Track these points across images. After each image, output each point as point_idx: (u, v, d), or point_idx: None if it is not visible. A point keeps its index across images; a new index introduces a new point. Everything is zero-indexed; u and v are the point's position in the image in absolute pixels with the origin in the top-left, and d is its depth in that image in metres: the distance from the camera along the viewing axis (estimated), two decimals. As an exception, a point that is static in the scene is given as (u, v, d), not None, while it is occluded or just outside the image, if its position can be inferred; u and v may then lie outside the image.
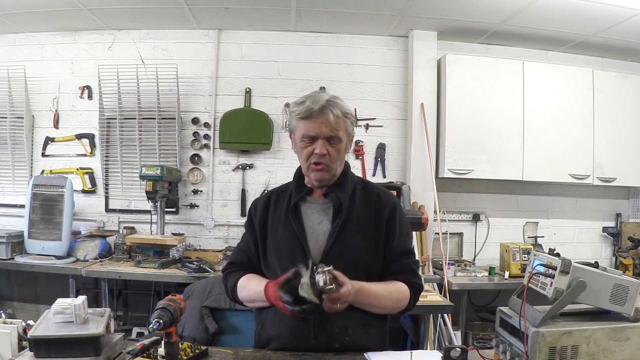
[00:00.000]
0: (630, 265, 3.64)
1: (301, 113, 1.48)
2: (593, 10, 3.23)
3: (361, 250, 1.51)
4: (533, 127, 3.66)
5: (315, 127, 1.47)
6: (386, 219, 1.55)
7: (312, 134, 1.48)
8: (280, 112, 3.89)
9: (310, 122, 1.47)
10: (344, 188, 1.56)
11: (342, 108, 1.51)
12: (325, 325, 1.45)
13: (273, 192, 1.67)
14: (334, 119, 1.47)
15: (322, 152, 1.47)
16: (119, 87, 3.73)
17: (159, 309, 1.24)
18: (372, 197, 1.58)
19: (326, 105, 1.47)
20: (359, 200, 1.57)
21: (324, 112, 1.46)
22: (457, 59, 3.68)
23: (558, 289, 1.27)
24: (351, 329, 1.48)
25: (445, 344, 3.12)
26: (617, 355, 1.26)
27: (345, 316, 1.44)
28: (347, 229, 1.50)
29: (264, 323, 1.56)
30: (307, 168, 1.53)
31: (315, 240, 1.51)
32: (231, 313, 2.28)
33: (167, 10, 3.51)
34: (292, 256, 1.48)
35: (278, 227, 1.56)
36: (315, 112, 1.46)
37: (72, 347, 1.17)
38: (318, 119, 1.46)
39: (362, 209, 1.55)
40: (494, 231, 4.00)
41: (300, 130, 1.50)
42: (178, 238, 3.51)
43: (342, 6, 3.43)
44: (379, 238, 1.54)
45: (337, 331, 1.46)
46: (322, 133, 1.47)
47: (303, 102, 1.49)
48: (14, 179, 3.83)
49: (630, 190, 4.20)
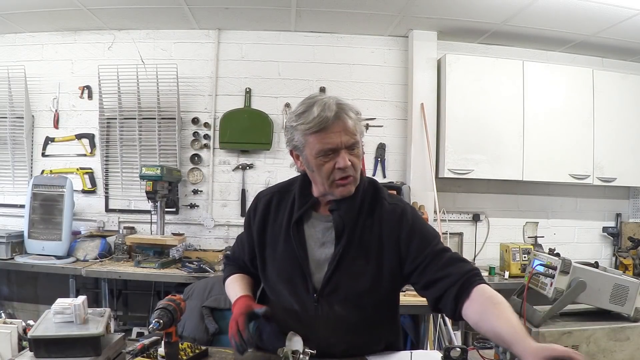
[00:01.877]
0: (630, 265, 3.64)
1: (314, 125, 1.26)
2: (593, 10, 3.22)
3: (363, 276, 1.38)
4: (533, 127, 3.66)
5: (334, 137, 1.26)
6: (393, 234, 1.37)
7: (332, 147, 1.27)
8: (280, 112, 3.89)
9: (326, 133, 1.26)
10: (352, 205, 1.38)
11: (353, 108, 1.33)
12: (326, 349, 1.37)
13: (275, 193, 1.52)
14: (352, 123, 1.28)
15: (347, 164, 1.28)
16: (119, 87, 3.73)
17: (159, 309, 1.24)
18: (376, 209, 1.41)
19: (339, 110, 1.27)
20: (365, 216, 1.40)
21: (340, 118, 1.27)
22: (457, 59, 3.68)
23: (558, 289, 1.27)
24: (353, 351, 1.43)
25: (445, 344, 3.12)
26: (617, 355, 1.26)
27: (347, 340, 1.41)
28: (349, 254, 1.37)
29: (261, 334, 1.51)
30: (330, 186, 1.33)
31: (316, 265, 1.40)
32: (231, 313, 2.28)
33: (167, 10, 3.51)
34: (292, 281, 1.41)
35: (278, 243, 1.43)
36: (331, 121, 1.26)
37: (72, 347, 1.17)
38: (335, 127, 1.27)
39: (367, 227, 1.39)
40: (494, 231, 3.99)
41: (315, 146, 1.28)
42: (178, 238, 3.51)
43: (342, 6, 3.43)
44: (383, 259, 1.38)
45: (338, 354, 1.40)
46: (343, 142, 1.27)
47: (309, 112, 1.28)
48: (14, 179, 3.83)
49: (630, 190, 4.20)
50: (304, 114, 1.29)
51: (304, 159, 1.36)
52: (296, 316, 1.41)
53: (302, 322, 1.40)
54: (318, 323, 1.40)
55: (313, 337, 1.36)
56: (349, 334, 1.42)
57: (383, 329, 1.50)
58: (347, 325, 1.41)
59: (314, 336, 1.36)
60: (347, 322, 1.41)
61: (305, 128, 1.28)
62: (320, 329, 1.39)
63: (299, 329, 1.36)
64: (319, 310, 1.40)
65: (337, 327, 1.40)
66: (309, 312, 1.40)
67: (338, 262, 1.36)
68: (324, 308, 1.39)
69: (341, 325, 1.41)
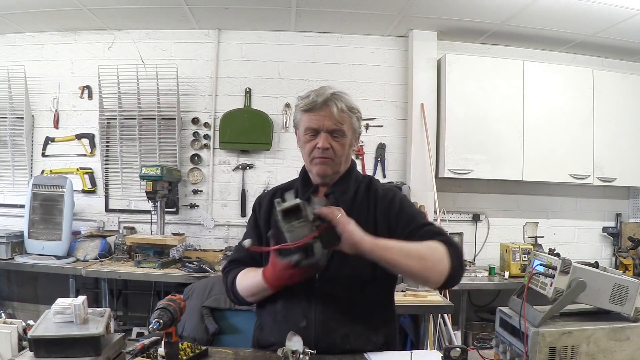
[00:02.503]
0: (630, 265, 3.64)
1: (305, 105, 1.46)
2: (593, 10, 3.23)
3: (360, 257, 1.44)
4: (533, 127, 3.66)
5: (318, 119, 1.44)
6: (385, 212, 1.49)
7: (314, 127, 1.45)
8: (280, 112, 3.89)
9: (313, 114, 1.45)
10: (346, 189, 1.52)
11: (348, 102, 1.47)
12: (326, 334, 1.43)
13: (277, 189, 1.63)
14: (337, 112, 1.44)
15: (324, 145, 1.44)
16: (119, 87, 3.73)
17: (159, 309, 1.24)
18: (370, 196, 1.53)
19: (330, 98, 1.44)
20: (361, 200, 1.52)
21: (327, 105, 1.44)
22: (457, 59, 3.68)
23: (558, 289, 1.27)
24: (352, 338, 1.45)
25: (445, 344, 3.12)
26: (617, 355, 1.26)
27: (347, 325, 1.44)
28: None
29: (262, 327, 1.54)
30: (310, 162, 1.50)
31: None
32: (231, 313, 2.27)
33: (167, 10, 3.51)
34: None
35: None
36: (318, 105, 1.44)
37: (72, 347, 1.16)
38: (321, 111, 1.44)
39: (363, 210, 1.50)
40: (494, 231, 4.00)
41: (304, 123, 1.48)
42: (178, 238, 3.51)
43: (342, 6, 3.43)
44: None
45: (338, 340, 1.43)
46: (325, 126, 1.44)
47: (308, 96, 1.47)
48: (14, 179, 3.83)
49: (630, 190, 4.20)
50: (305, 97, 1.49)
51: (298, 134, 1.55)
52: (297, 301, 1.45)
53: (302, 307, 1.44)
54: (318, 307, 1.43)
55: (314, 322, 1.41)
56: (349, 319, 1.44)
57: (380, 317, 1.52)
58: (346, 308, 1.44)
59: (314, 321, 1.41)
60: (346, 304, 1.44)
61: (300, 106, 1.49)
62: (320, 313, 1.43)
63: (299, 315, 1.41)
64: (320, 292, 1.43)
65: (337, 310, 1.43)
66: (309, 295, 1.44)
67: None
68: (325, 288, 1.43)
69: (341, 308, 1.44)
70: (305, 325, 1.41)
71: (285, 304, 1.47)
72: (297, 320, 1.43)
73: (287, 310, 1.46)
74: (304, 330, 1.41)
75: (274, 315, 1.49)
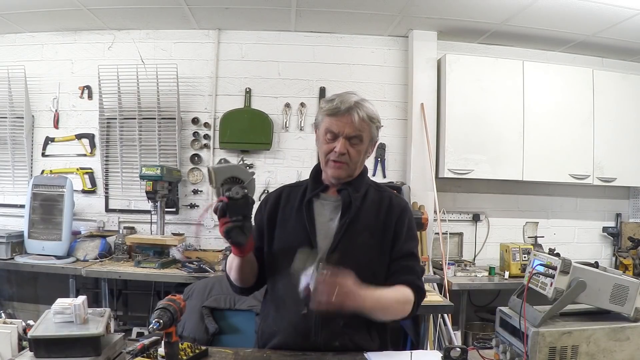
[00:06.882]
0: (630, 265, 3.64)
1: (328, 110, 1.52)
2: (593, 10, 3.22)
3: (368, 249, 1.52)
4: (533, 127, 3.66)
5: (339, 125, 1.50)
6: (395, 220, 1.56)
7: (335, 131, 1.51)
8: (280, 112, 3.89)
9: (335, 119, 1.51)
10: (358, 187, 1.58)
11: (369, 111, 1.54)
12: (328, 322, 1.45)
13: (286, 187, 1.69)
14: (358, 120, 1.50)
15: (341, 150, 1.50)
16: (119, 87, 3.73)
17: (159, 309, 1.24)
18: (383, 200, 1.60)
19: (353, 106, 1.50)
20: (370, 201, 1.58)
21: (349, 113, 1.50)
22: (457, 59, 3.68)
23: (558, 289, 1.27)
24: (353, 328, 1.48)
25: (445, 344, 3.12)
26: (617, 355, 1.26)
27: (346, 315, 1.44)
28: (355, 227, 1.51)
29: (267, 317, 1.59)
30: (326, 163, 1.56)
31: (324, 237, 1.52)
32: (231, 313, 2.28)
33: (167, 10, 3.51)
34: (299, 249, 1.48)
35: (288, 221, 1.58)
36: (341, 111, 1.50)
37: (72, 347, 1.17)
38: (343, 117, 1.50)
39: (373, 210, 1.57)
40: (494, 231, 4.00)
41: (325, 125, 1.54)
42: (178, 238, 3.51)
43: (342, 6, 3.43)
44: (386, 240, 1.54)
45: (338, 329, 1.47)
46: (345, 132, 1.50)
47: (332, 100, 1.53)
48: (14, 179, 3.83)
49: (630, 190, 4.20)
50: (329, 101, 1.54)
51: (318, 133, 1.60)
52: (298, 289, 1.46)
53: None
54: None
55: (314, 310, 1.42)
56: None
57: None
58: None
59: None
60: None
61: (324, 110, 1.54)
62: None
63: (300, 302, 1.42)
64: None
65: None
66: None
67: (344, 232, 1.50)
68: None
69: None
70: (306, 313, 1.44)
71: (287, 292, 1.49)
72: (298, 307, 1.45)
73: (288, 298, 1.49)
74: (304, 317, 1.45)
75: (276, 303, 1.55)
